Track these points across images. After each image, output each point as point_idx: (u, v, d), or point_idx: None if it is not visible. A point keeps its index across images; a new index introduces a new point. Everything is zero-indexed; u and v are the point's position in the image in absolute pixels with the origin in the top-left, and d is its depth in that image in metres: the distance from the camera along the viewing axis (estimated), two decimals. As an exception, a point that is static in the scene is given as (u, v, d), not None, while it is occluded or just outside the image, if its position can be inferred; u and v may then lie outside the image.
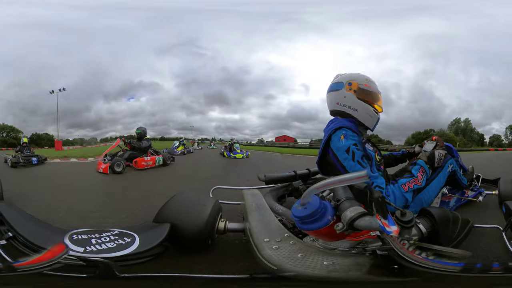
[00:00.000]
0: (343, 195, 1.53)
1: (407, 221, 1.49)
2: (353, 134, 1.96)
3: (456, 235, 1.70)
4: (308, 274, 1.29)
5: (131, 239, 1.71)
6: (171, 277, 1.58)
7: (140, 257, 1.64)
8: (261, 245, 1.49)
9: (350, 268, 1.34)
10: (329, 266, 1.33)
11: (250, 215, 1.89)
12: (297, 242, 1.53)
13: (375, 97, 2.16)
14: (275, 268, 1.34)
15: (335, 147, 1.96)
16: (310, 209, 1.42)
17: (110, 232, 1.78)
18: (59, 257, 1.41)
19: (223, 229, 1.94)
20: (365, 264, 1.37)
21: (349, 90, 2.11)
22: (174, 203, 2.04)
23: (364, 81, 2.14)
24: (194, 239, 1.82)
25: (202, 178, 6.18)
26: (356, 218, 1.42)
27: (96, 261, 1.48)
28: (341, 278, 1.31)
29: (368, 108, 2.13)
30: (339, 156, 1.94)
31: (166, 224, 1.84)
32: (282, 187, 2.79)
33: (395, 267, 1.35)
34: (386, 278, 1.35)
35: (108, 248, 1.60)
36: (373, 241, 1.53)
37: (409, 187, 1.98)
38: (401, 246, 1.38)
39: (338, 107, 2.15)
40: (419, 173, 2.09)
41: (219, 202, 2.10)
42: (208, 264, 1.75)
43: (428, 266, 1.32)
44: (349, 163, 1.91)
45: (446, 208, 2.23)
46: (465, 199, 2.71)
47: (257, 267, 1.45)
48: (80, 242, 1.62)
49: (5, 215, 1.86)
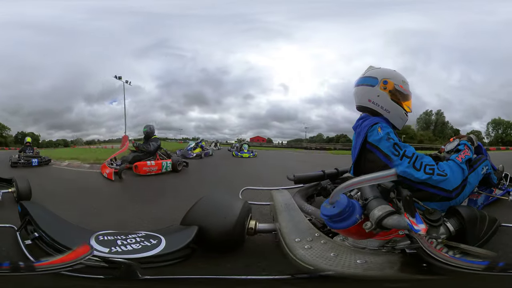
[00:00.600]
0: (371, 194, 1.54)
1: (435, 220, 1.51)
2: (387, 125, 1.92)
3: (483, 234, 1.68)
4: (346, 273, 1.32)
5: (157, 241, 1.72)
6: (196, 279, 1.57)
7: (166, 259, 1.65)
8: (292, 245, 1.51)
9: (384, 266, 1.35)
10: (363, 264, 1.35)
11: (280, 216, 1.91)
12: (328, 241, 1.55)
13: (407, 98, 2.09)
14: (312, 268, 1.36)
15: (374, 140, 1.89)
16: (338, 207, 1.45)
17: (137, 234, 1.80)
18: (83, 258, 1.41)
19: (253, 230, 1.94)
20: (397, 262, 1.39)
21: (384, 90, 2.01)
22: (201, 205, 2.05)
23: (400, 82, 2.04)
24: (223, 240, 1.82)
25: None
26: (384, 217, 1.43)
27: (119, 262, 1.48)
28: (376, 276, 1.33)
29: (400, 110, 2.05)
30: (381, 147, 1.85)
31: (194, 226, 1.85)
32: (311, 186, 2.79)
33: (424, 265, 1.36)
34: (418, 276, 1.37)
35: (133, 249, 1.61)
36: (402, 239, 1.54)
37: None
38: (429, 245, 1.39)
39: (370, 105, 2.05)
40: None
41: (248, 203, 2.10)
42: (239, 265, 1.75)
43: (455, 264, 1.33)
44: (390, 149, 1.82)
45: (473, 207, 2.18)
46: (493, 198, 2.65)
47: (291, 267, 1.46)
48: (106, 243, 1.64)
49: (33, 214, 1.91)
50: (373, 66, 2.15)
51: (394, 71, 2.09)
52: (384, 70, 2.08)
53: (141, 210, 3.38)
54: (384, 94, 2.01)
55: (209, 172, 7.36)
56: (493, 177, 2.45)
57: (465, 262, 1.33)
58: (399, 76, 2.07)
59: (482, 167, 2.23)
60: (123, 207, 3.62)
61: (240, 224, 1.87)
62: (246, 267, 1.74)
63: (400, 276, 1.35)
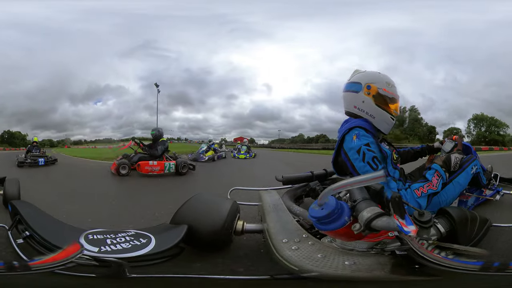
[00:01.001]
0: (360, 196, 1.52)
1: (426, 221, 1.46)
2: (366, 134, 1.92)
3: (474, 235, 1.67)
4: (331, 274, 1.29)
5: (147, 240, 1.71)
6: (184, 278, 1.57)
7: (155, 258, 1.64)
8: (279, 246, 1.49)
9: (373, 268, 1.33)
10: (351, 266, 1.33)
11: (267, 216, 1.89)
12: (315, 242, 1.53)
13: (393, 101, 2.08)
14: (297, 268, 1.34)
15: (347, 147, 1.93)
16: (327, 209, 1.43)
17: (126, 232, 1.78)
18: (73, 256, 1.40)
19: (241, 230, 1.94)
20: (387, 264, 1.37)
21: (368, 95, 2.02)
22: (191, 204, 2.04)
23: (384, 85, 2.05)
24: (211, 240, 1.82)
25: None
26: (373, 219, 1.41)
27: (109, 261, 1.48)
28: (365, 277, 1.31)
29: (385, 115, 2.06)
30: (350, 156, 1.91)
31: (183, 225, 1.84)
32: (299, 187, 2.78)
33: (416, 266, 1.35)
34: (409, 277, 1.35)
35: (123, 249, 1.60)
36: (392, 241, 1.52)
37: (423, 192, 1.92)
38: (419, 246, 1.37)
39: (355, 111, 2.08)
40: (434, 177, 2.02)
41: (237, 203, 2.09)
42: (226, 265, 1.74)
43: (448, 265, 1.32)
44: (359, 164, 1.88)
45: (464, 208, 2.18)
46: (483, 198, 2.65)
47: (276, 268, 1.44)
48: (95, 242, 1.63)
49: (23, 213, 1.90)
50: (358, 70, 2.14)
51: (378, 74, 2.09)
52: (367, 74, 2.08)
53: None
54: (368, 100, 2.02)
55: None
56: (483, 177, 2.45)
57: (460, 263, 1.32)
58: (383, 78, 2.06)
59: (472, 167, 2.22)
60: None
61: (228, 223, 1.86)
62: (231, 267, 1.73)
63: (391, 277, 1.33)
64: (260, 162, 11.61)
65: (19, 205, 2.03)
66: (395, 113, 2.09)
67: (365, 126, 1.97)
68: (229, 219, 1.87)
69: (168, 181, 6.04)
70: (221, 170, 8.50)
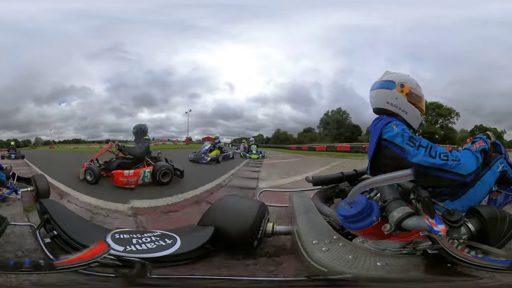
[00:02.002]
0: (390, 196, 1.51)
1: (456, 221, 1.45)
2: (402, 123, 1.99)
3: (504, 233, 1.62)
4: (364, 275, 1.27)
5: (172, 240, 1.71)
6: (210, 279, 1.55)
7: (180, 259, 1.63)
8: (310, 247, 1.48)
9: (407, 268, 1.31)
10: (384, 267, 1.31)
11: (297, 218, 1.87)
12: (346, 243, 1.50)
13: (421, 101, 2.21)
14: (326, 270, 1.32)
15: (390, 136, 1.93)
16: (356, 208, 1.42)
17: (152, 233, 1.78)
18: (100, 255, 1.41)
19: (270, 232, 1.91)
20: (420, 264, 1.35)
21: (401, 92, 2.13)
22: (219, 206, 2.04)
23: (415, 86, 2.17)
24: (238, 241, 1.79)
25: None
26: (404, 219, 1.40)
27: (133, 261, 1.47)
28: (400, 278, 1.29)
29: (416, 111, 2.16)
30: (397, 141, 1.89)
31: (210, 227, 1.83)
32: (329, 188, 2.74)
33: (449, 265, 1.33)
34: (443, 277, 1.33)
35: (148, 249, 1.60)
36: (423, 240, 1.50)
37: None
38: (450, 245, 1.36)
39: (388, 107, 2.14)
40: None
41: (265, 205, 2.07)
42: (255, 267, 1.72)
43: (478, 264, 1.30)
44: (406, 141, 1.84)
45: (494, 206, 2.13)
46: None
47: (307, 269, 1.43)
48: (122, 241, 1.64)
49: (51, 212, 1.92)
50: (389, 71, 2.26)
51: (408, 76, 2.23)
52: (400, 75, 2.20)
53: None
54: (401, 97, 2.12)
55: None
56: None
57: (489, 262, 1.30)
58: (414, 80, 2.21)
59: (498, 165, 2.19)
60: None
61: (256, 225, 1.85)
62: (261, 269, 1.72)
63: (426, 277, 1.31)
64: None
65: (47, 204, 2.03)
66: (423, 111, 2.22)
67: (397, 119, 2.04)
68: (257, 221, 1.85)
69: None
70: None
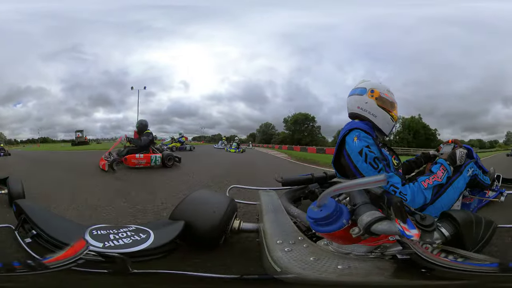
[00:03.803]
0: (360, 200, 1.45)
1: (428, 225, 1.40)
2: (367, 136, 1.95)
3: (480, 237, 1.57)
4: (311, 278, 1.20)
5: (146, 235, 1.68)
6: (178, 275, 1.54)
7: (153, 253, 1.62)
8: (273, 246, 1.41)
9: (371, 272, 1.24)
10: (344, 270, 1.24)
11: (265, 216, 1.80)
12: (310, 245, 1.43)
13: (393, 106, 2.21)
14: (279, 270, 1.26)
15: (348, 148, 1.96)
16: (325, 211, 1.35)
17: (127, 228, 1.75)
18: (81, 252, 1.39)
19: (237, 229, 1.88)
20: (388, 268, 1.28)
21: (371, 97, 2.16)
22: (190, 200, 2.00)
23: (385, 91, 2.20)
24: (207, 237, 1.77)
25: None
26: (374, 223, 1.34)
27: (113, 256, 1.46)
28: (358, 282, 1.22)
29: (386, 115, 2.16)
30: (352, 158, 1.93)
31: (181, 221, 1.80)
32: (299, 189, 2.68)
33: (423, 270, 1.26)
34: (416, 281, 1.27)
35: (125, 244, 1.57)
36: (392, 245, 1.42)
37: (429, 183, 1.94)
38: (424, 250, 1.29)
39: (358, 111, 2.17)
40: (440, 170, 2.06)
41: (235, 202, 2.04)
42: (217, 263, 1.70)
43: (460, 268, 1.24)
44: (362, 165, 1.90)
45: (467, 210, 2.12)
46: (486, 200, 2.54)
47: (262, 268, 1.39)
48: (99, 237, 1.60)
49: (28, 213, 1.86)
50: (365, 80, 2.31)
51: (380, 83, 2.28)
52: (372, 82, 2.28)
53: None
54: (371, 101, 2.16)
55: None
56: (484, 178, 2.39)
57: (473, 266, 1.24)
58: (385, 86, 2.26)
59: (468, 169, 2.23)
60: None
61: (224, 221, 1.81)
62: (224, 265, 1.70)
63: (391, 282, 1.23)
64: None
65: (23, 204, 1.98)
66: (396, 117, 2.24)
67: (364, 128, 2.00)
68: (225, 217, 1.82)
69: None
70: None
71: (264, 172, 6.92)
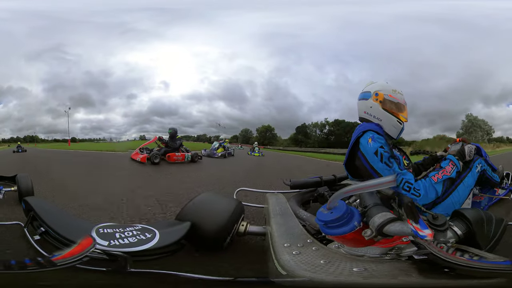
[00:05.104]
0: (370, 201, 1.41)
1: (441, 225, 1.35)
2: (380, 137, 1.93)
3: (492, 235, 1.51)
4: (328, 281, 1.13)
5: (152, 234, 1.67)
6: (175, 275, 1.49)
7: (157, 253, 1.60)
8: (280, 249, 1.36)
9: (395, 274, 1.17)
10: (362, 272, 1.16)
11: (272, 219, 1.76)
12: (320, 248, 1.37)
13: (400, 108, 2.14)
14: (285, 273, 1.20)
15: (364, 150, 1.93)
16: (336, 213, 1.32)
17: (134, 227, 1.74)
18: (88, 250, 1.36)
19: (243, 232, 1.84)
20: (409, 269, 1.21)
21: (375, 101, 2.12)
22: (197, 202, 1.97)
23: (390, 92, 2.13)
24: (212, 239, 1.74)
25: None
26: (386, 224, 1.30)
27: (116, 255, 1.44)
28: (384, 284, 1.15)
29: (391, 118, 2.11)
30: (368, 159, 1.90)
31: (187, 222, 1.78)
32: (307, 192, 2.62)
33: (446, 270, 1.19)
34: (443, 281, 1.20)
35: (130, 243, 1.56)
36: (406, 246, 1.36)
37: (438, 178, 1.95)
38: (439, 250, 1.22)
39: (365, 116, 2.15)
40: (448, 165, 2.04)
41: (242, 204, 2.00)
42: (224, 266, 1.66)
43: (479, 266, 1.16)
44: (378, 165, 1.86)
45: (478, 208, 2.03)
46: (496, 198, 2.46)
47: (264, 271, 1.36)
48: (106, 235, 1.60)
49: (37, 210, 1.85)
50: (372, 82, 2.25)
51: (386, 83, 2.21)
52: (377, 84, 2.21)
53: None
54: (376, 105, 2.12)
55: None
56: (493, 175, 2.32)
57: (490, 264, 1.17)
58: (390, 87, 2.18)
59: (476, 165, 2.17)
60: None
61: (230, 224, 1.78)
62: (230, 268, 1.66)
63: (420, 282, 1.16)
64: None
65: (32, 202, 1.98)
66: (403, 119, 2.15)
67: (376, 130, 1.98)
68: (231, 220, 1.78)
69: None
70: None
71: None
